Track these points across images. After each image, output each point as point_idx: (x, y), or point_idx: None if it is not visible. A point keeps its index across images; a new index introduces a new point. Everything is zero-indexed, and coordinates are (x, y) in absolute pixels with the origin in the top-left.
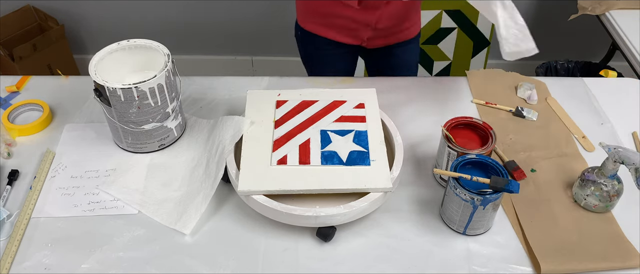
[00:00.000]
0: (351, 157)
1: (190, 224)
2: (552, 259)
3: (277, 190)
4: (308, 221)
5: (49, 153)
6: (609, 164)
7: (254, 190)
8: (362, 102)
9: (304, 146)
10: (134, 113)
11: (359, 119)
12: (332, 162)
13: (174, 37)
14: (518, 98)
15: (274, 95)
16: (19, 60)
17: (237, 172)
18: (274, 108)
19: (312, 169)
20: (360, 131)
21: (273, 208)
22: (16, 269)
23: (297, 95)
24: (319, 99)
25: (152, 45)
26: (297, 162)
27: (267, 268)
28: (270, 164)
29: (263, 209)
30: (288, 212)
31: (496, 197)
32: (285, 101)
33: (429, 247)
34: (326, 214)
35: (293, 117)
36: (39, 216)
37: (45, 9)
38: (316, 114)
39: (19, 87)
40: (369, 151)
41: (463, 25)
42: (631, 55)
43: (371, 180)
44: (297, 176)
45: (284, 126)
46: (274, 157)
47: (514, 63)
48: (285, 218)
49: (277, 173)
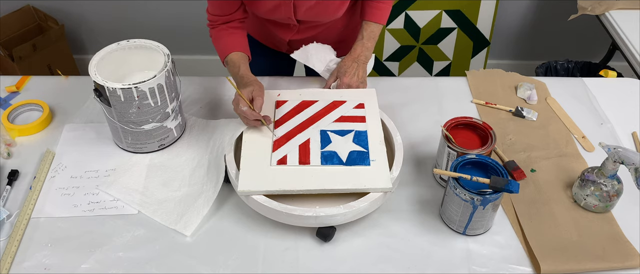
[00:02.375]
0: (351, 158)
1: (192, 227)
2: (552, 259)
3: (277, 190)
4: (308, 221)
5: (49, 153)
6: (608, 164)
7: (254, 190)
8: (362, 102)
9: (304, 146)
10: (134, 113)
11: (358, 119)
12: (332, 162)
13: (174, 37)
14: (518, 98)
15: (274, 95)
16: (19, 61)
17: (237, 173)
18: (273, 108)
19: (312, 169)
20: (360, 131)
21: (273, 208)
22: (16, 269)
23: (297, 95)
24: (318, 99)
25: (152, 45)
26: (297, 163)
27: (267, 268)
28: (270, 164)
29: (263, 209)
30: (288, 212)
31: (496, 197)
32: (285, 101)
33: (429, 247)
34: (326, 214)
35: (293, 117)
36: (39, 216)
37: (45, 9)
38: (316, 114)
39: (18, 87)
40: (368, 151)
41: (463, 25)
42: (631, 55)
43: (371, 180)
44: (297, 176)
45: (284, 126)
46: (273, 158)
47: (514, 63)
48: (285, 218)
49: (277, 173)
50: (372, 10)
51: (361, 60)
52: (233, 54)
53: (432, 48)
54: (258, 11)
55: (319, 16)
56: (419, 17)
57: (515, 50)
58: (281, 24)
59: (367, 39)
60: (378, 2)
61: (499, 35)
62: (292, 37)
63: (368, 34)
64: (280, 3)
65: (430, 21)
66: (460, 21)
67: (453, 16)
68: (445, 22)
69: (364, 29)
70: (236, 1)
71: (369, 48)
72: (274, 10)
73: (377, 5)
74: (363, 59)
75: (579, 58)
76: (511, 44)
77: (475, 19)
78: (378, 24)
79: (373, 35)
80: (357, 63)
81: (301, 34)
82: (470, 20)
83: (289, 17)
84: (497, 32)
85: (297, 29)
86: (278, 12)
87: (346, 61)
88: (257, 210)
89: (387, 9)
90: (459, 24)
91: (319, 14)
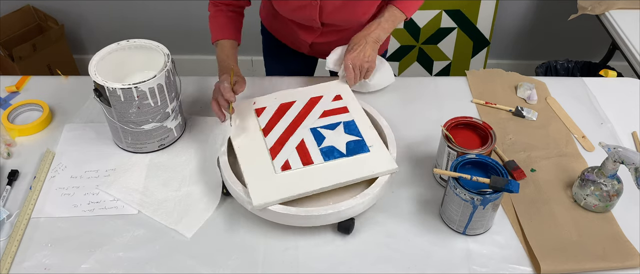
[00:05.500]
0: (350, 148)
1: (193, 229)
2: (551, 259)
3: (293, 196)
4: (330, 219)
5: (49, 153)
6: (608, 164)
7: (270, 202)
8: (338, 94)
9: (301, 147)
10: (134, 113)
11: (341, 110)
12: (333, 156)
13: (174, 37)
14: (518, 98)
15: (250, 104)
16: (19, 61)
17: (244, 189)
18: (255, 117)
19: (318, 167)
20: (347, 121)
21: (293, 214)
22: (16, 269)
23: (272, 100)
24: (295, 99)
25: (152, 45)
26: (300, 165)
27: (267, 268)
28: (274, 173)
29: (281, 218)
30: (309, 215)
31: (496, 197)
32: (263, 108)
33: (429, 247)
34: (347, 207)
35: (278, 122)
36: (39, 216)
37: (45, 9)
38: (299, 114)
39: (18, 87)
40: (363, 139)
41: (463, 25)
42: (631, 55)
43: (377, 165)
44: (306, 178)
45: (273, 132)
46: (276, 165)
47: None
48: (305, 221)
49: (285, 179)
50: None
51: (371, 38)
52: (226, 41)
53: (432, 48)
54: (282, 9)
55: (344, 19)
56: (419, 16)
57: (515, 50)
58: (304, 25)
59: (386, 20)
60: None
61: (499, 35)
62: (315, 39)
63: (388, 16)
64: (307, 3)
65: (430, 21)
66: (460, 21)
67: (453, 16)
68: (445, 22)
69: (387, 10)
70: None
71: (386, 29)
72: (299, 9)
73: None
74: (374, 37)
75: (579, 58)
76: (511, 44)
77: (475, 18)
78: (402, 13)
79: (393, 18)
80: (366, 41)
81: (324, 37)
82: (470, 20)
83: (313, 18)
84: (497, 32)
85: (320, 32)
86: (303, 11)
87: (355, 37)
88: (274, 220)
89: (416, 4)
90: (459, 24)
91: (345, 16)
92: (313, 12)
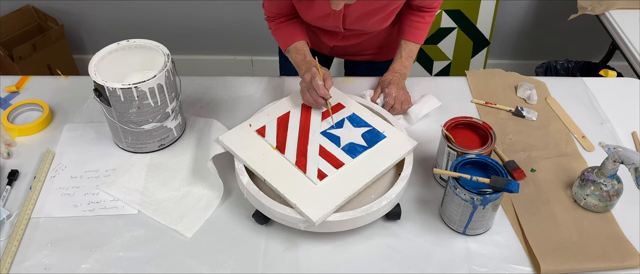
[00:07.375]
0: (367, 139)
1: (193, 229)
2: (551, 259)
3: (345, 199)
4: (384, 210)
5: (49, 153)
6: (608, 164)
7: (327, 213)
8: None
9: (324, 153)
10: (134, 113)
11: (338, 108)
12: (357, 152)
13: (174, 37)
14: (518, 98)
15: (247, 128)
16: (19, 60)
17: (298, 210)
18: (260, 138)
19: (352, 166)
20: (349, 115)
21: (351, 218)
22: (16, 269)
23: (266, 117)
24: (288, 110)
25: (152, 45)
26: (333, 169)
27: (267, 268)
28: (315, 185)
29: (341, 225)
30: (368, 212)
31: (496, 197)
32: (263, 127)
33: (429, 247)
34: (395, 195)
35: (287, 136)
36: (39, 216)
37: (45, 9)
38: (302, 123)
39: (18, 87)
40: (374, 127)
41: (463, 25)
42: (631, 55)
43: (400, 147)
44: (345, 179)
45: (289, 147)
46: (311, 177)
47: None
48: (368, 219)
49: (328, 188)
50: (412, 30)
51: (401, 73)
52: (297, 43)
53: (432, 48)
54: (307, 18)
55: (367, 25)
56: None
57: (515, 50)
58: (327, 30)
59: (406, 57)
60: (418, 23)
61: (499, 35)
62: (337, 43)
63: (407, 53)
64: (330, 12)
65: None
66: (460, 21)
67: (453, 16)
68: (445, 21)
69: (403, 48)
70: (291, 4)
71: (407, 66)
72: (324, 18)
73: (417, 26)
74: (403, 72)
75: (579, 58)
76: (511, 43)
77: (475, 18)
78: (416, 44)
79: (411, 54)
80: (399, 75)
81: (346, 40)
82: (470, 20)
83: (337, 26)
84: (497, 32)
85: (343, 36)
86: (327, 20)
87: (387, 75)
88: (334, 229)
89: (425, 29)
90: (459, 24)
91: (367, 23)
92: (337, 20)
